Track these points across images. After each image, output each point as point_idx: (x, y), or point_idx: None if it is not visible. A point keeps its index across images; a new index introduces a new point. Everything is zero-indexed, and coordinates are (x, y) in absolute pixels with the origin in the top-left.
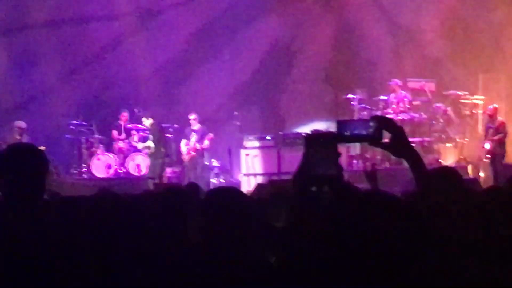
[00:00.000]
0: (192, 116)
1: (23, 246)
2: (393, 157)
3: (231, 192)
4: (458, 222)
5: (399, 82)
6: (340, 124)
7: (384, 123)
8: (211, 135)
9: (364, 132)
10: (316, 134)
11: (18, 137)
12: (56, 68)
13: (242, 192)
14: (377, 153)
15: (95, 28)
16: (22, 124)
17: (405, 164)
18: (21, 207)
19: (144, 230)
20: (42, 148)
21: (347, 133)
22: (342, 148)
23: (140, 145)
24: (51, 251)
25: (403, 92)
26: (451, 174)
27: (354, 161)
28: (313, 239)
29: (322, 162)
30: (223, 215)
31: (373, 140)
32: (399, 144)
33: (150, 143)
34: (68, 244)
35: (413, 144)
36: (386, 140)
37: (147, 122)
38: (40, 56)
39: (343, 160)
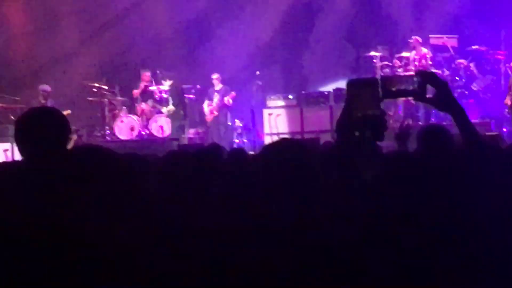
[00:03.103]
0: (214, 76)
1: (44, 212)
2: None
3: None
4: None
5: (420, 39)
6: (385, 79)
7: (428, 78)
8: (233, 93)
9: (409, 87)
10: (358, 79)
11: (43, 101)
12: (77, 31)
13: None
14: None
15: None
16: (47, 87)
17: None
18: (44, 171)
19: (167, 192)
20: (68, 112)
21: (392, 89)
22: None
23: (161, 107)
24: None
25: (425, 49)
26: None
27: None
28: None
29: (365, 105)
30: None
31: (418, 95)
32: (444, 98)
33: (170, 105)
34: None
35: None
36: (431, 95)
37: (168, 83)
38: (61, 19)
39: None
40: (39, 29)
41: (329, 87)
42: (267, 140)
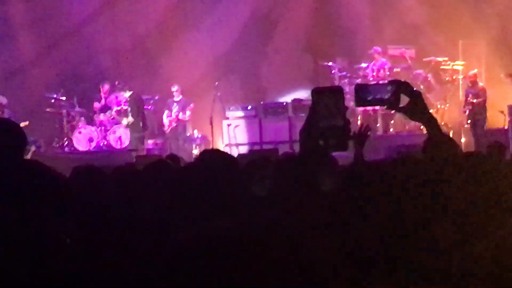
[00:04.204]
0: (174, 88)
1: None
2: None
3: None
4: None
5: (379, 50)
6: (359, 88)
7: (402, 87)
8: (192, 106)
9: (383, 96)
10: (323, 87)
11: None
12: (35, 42)
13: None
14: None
15: (73, 0)
16: (2, 99)
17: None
18: None
19: (126, 203)
20: (25, 123)
21: (366, 97)
22: None
23: (120, 118)
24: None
25: (383, 59)
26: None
27: None
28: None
29: (329, 114)
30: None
31: (392, 104)
32: (417, 108)
33: (129, 116)
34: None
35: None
36: (403, 104)
37: (127, 94)
38: (17, 30)
39: None
40: None
41: (288, 98)
42: (225, 151)
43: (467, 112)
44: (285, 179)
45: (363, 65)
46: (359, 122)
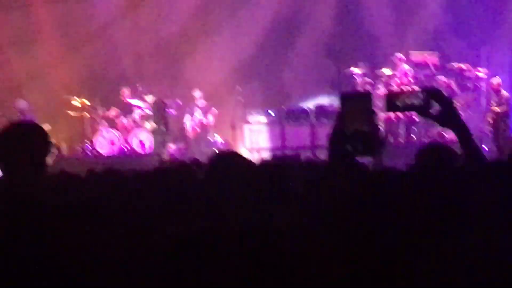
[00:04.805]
0: (196, 92)
1: (24, 226)
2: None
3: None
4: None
5: (402, 56)
6: (390, 94)
7: (433, 94)
8: (215, 110)
9: (414, 102)
10: (352, 93)
11: (20, 117)
12: (57, 45)
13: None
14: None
15: (95, 3)
16: (23, 103)
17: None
18: (23, 187)
19: (147, 207)
20: (47, 126)
21: (397, 103)
22: None
23: (142, 122)
24: (52, 231)
25: (406, 66)
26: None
27: None
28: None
29: (357, 119)
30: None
31: (423, 110)
32: (448, 115)
33: (152, 120)
34: (70, 223)
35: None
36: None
37: (149, 98)
38: (41, 33)
39: None
40: (16, 43)
41: (310, 103)
42: (248, 156)
43: (490, 120)
44: (308, 185)
45: (386, 70)
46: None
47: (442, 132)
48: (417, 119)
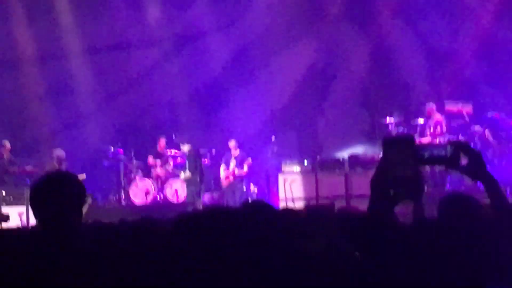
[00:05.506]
0: (231, 143)
1: (60, 274)
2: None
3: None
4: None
5: (434, 107)
6: (419, 147)
7: (461, 147)
8: (249, 160)
9: (442, 155)
10: (395, 136)
11: (57, 165)
12: (93, 95)
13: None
14: None
15: (131, 54)
16: (61, 153)
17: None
18: (58, 236)
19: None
20: (82, 176)
21: (426, 156)
22: None
23: (177, 171)
24: (86, 279)
25: (440, 116)
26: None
27: None
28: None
29: (400, 163)
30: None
31: (451, 163)
32: (476, 168)
33: (187, 170)
34: (106, 273)
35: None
36: (463, 164)
37: (185, 148)
38: (77, 83)
39: None
40: (53, 92)
41: (344, 153)
42: (282, 205)
43: None
44: (343, 236)
45: (420, 120)
46: None
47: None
48: None
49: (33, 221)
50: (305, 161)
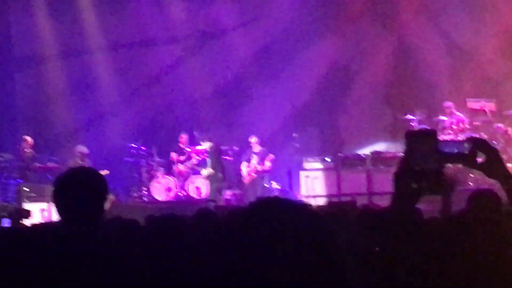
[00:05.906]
0: (253, 139)
1: (81, 269)
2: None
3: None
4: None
5: (452, 105)
6: (440, 142)
7: (479, 144)
8: (272, 156)
9: (460, 152)
10: (417, 130)
11: (80, 162)
12: (115, 91)
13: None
14: None
15: (153, 51)
16: (84, 149)
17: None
18: (80, 231)
19: (203, 253)
20: (105, 172)
21: (445, 151)
22: None
23: (199, 168)
24: (109, 275)
25: (460, 114)
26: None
27: None
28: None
29: (423, 157)
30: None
31: (468, 160)
32: (494, 165)
33: (209, 166)
34: (128, 268)
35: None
36: (480, 161)
37: (206, 145)
38: (99, 80)
39: None
40: (76, 88)
41: (366, 150)
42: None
43: None
44: (365, 233)
45: (443, 117)
46: None
47: None
48: None
49: (55, 217)
50: (327, 158)
